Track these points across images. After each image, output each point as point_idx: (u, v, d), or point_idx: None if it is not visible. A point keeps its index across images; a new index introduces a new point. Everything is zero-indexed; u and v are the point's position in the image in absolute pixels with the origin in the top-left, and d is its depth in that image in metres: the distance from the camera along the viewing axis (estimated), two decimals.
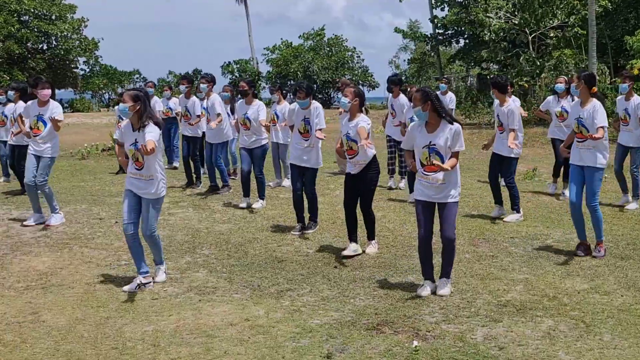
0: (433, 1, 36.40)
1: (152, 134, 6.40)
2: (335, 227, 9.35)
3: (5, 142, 12.24)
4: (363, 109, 8.01)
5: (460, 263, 7.63)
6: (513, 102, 10.16)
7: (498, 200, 10.19)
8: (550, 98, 11.96)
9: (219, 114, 11.15)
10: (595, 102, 7.90)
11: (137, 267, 6.81)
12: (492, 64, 34.86)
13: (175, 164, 15.09)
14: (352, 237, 8.07)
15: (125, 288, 6.69)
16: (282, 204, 10.99)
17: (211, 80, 11.82)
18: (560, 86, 11.67)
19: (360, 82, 48.35)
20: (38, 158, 9.27)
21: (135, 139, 6.51)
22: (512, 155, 9.81)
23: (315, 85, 49.37)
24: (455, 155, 6.38)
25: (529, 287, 6.78)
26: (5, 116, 12.13)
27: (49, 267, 7.48)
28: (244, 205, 10.71)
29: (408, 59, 50.83)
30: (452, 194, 6.43)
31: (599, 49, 27.38)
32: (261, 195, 10.80)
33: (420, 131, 6.46)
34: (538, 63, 28.64)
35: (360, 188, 7.94)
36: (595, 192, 7.88)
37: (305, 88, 9.07)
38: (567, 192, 10.86)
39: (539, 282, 6.92)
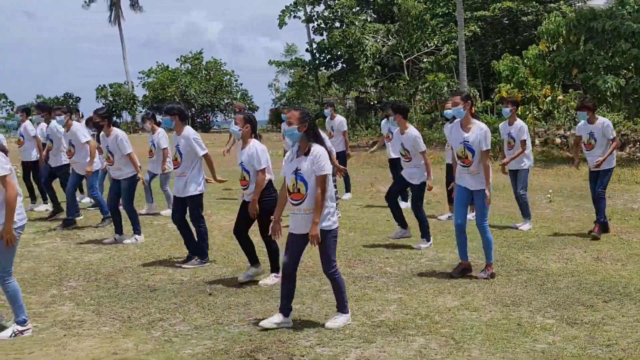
0: (311, 27, 36.93)
1: None
2: (210, 253, 9.15)
3: None
4: (256, 134, 7.75)
5: None
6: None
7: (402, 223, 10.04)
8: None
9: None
10: (481, 126, 7.84)
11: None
12: (370, 87, 35.66)
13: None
14: (250, 260, 7.92)
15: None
16: (157, 232, 10.71)
17: (67, 111, 11.35)
18: (448, 112, 11.79)
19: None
20: None
21: None
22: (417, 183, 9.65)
23: (193, 109, 48.90)
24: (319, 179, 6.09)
25: (402, 306, 6.86)
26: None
27: None
28: (109, 241, 10.07)
29: (287, 83, 51.27)
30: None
31: (469, 73, 28.59)
32: (135, 230, 10.10)
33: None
34: (412, 85, 29.53)
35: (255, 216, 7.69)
36: (485, 213, 7.90)
37: (175, 110, 8.60)
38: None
39: (412, 301, 7.01)
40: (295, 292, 6.37)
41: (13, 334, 6.06)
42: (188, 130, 8.56)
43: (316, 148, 6.11)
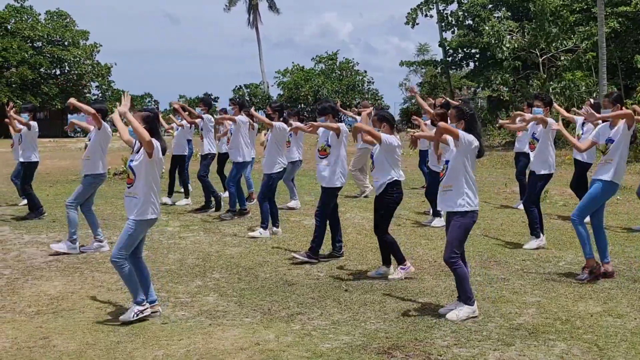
0: (442, 25, 36.55)
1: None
2: (345, 249, 9.30)
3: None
4: (395, 129, 8.07)
5: (472, 286, 7.56)
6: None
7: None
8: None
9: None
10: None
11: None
12: (502, 86, 34.88)
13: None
14: (383, 259, 8.18)
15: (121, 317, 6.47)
16: (293, 227, 10.98)
17: (237, 103, 12.11)
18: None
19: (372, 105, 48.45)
20: None
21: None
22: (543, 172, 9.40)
23: None
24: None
25: (541, 310, 6.73)
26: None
27: (60, 291, 7.49)
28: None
29: (418, 82, 50.97)
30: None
31: (609, 71, 27.37)
32: (262, 223, 10.43)
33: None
34: (549, 84, 28.60)
35: (376, 211, 7.98)
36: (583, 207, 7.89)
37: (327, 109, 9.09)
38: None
39: (552, 305, 6.87)
40: (469, 278, 6.68)
41: (135, 315, 6.41)
42: (340, 125, 8.92)
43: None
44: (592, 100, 12.49)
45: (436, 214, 11.22)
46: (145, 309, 6.48)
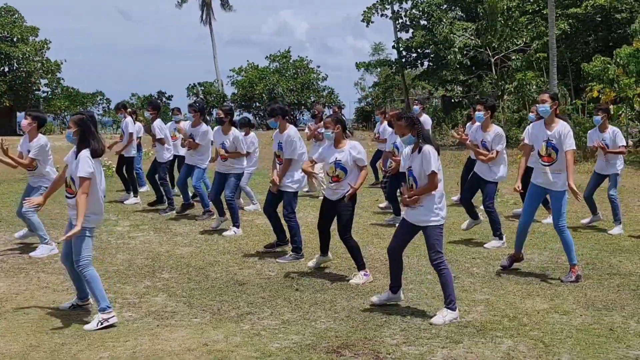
0: (397, 25, 36.78)
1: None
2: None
3: None
4: (347, 132, 8.02)
5: (422, 284, 7.65)
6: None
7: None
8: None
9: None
10: (564, 124, 7.85)
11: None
12: (456, 86, 35.23)
13: (143, 189, 14.97)
14: (322, 249, 8.36)
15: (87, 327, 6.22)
16: (244, 227, 10.91)
17: (197, 110, 11.43)
18: (532, 115, 11.67)
19: (327, 104, 48.56)
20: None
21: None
22: (491, 180, 9.60)
23: None
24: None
25: (489, 307, 6.80)
26: None
27: (4, 292, 7.31)
28: (215, 225, 10.72)
29: (373, 82, 51.20)
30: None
31: (559, 72, 27.83)
32: (235, 223, 10.52)
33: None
34: (500, 84, 28.98)
35: (336, 214, 7.89)
36: (562, 214, 7.84)
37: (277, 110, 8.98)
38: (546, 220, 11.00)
39: (500, 303, 6.94)
40: (401, 271, 6.83)
41: (100, 323, 6.18)
42: (290, 129, 8.90)
43: (426, 147, 6.45)
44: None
45: (398, 213, 11.26)
46: (110, 317, 6.24)
